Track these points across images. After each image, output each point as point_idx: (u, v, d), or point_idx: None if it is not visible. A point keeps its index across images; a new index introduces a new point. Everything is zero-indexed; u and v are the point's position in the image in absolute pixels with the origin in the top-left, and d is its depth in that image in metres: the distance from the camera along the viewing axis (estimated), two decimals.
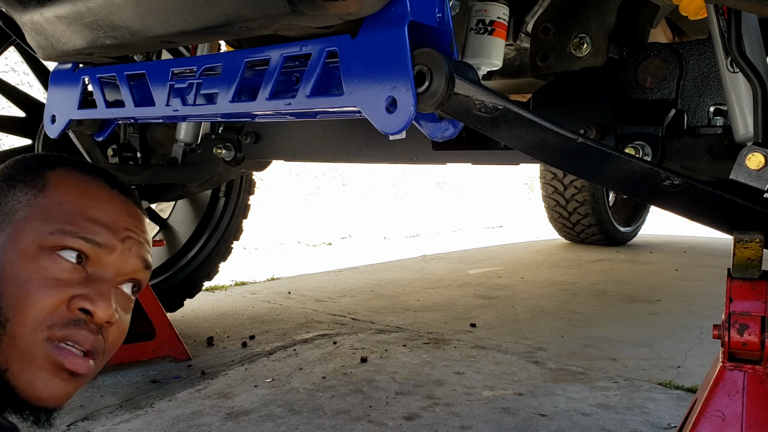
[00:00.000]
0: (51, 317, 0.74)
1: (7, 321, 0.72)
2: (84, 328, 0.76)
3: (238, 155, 2.14)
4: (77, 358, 0.75)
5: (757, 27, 1.05)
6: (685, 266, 4.47)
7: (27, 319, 0.72)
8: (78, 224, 0.78)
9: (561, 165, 0.94)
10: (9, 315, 0.72)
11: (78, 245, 0.76)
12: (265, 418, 1.76)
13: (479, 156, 1.65)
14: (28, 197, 0.78)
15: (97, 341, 0.77)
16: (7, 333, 0.72)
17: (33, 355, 0.73)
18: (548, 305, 3.22)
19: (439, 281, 3.86)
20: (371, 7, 0.76)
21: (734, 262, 0.91)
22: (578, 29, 1.30)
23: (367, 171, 6.63)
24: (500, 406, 1.86)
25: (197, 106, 1.02)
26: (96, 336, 0.77)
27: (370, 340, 2.53)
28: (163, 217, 2.97)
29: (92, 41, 1.02)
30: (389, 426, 1.72)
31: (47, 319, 0.74)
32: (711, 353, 2.37)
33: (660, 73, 1.26)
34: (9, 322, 0.72)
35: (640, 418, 1.77)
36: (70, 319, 0.75)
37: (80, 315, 0.75)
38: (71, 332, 0.75)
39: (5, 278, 0.73)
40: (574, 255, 4.98)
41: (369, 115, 0.79)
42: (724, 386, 0.88)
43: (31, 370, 0.73)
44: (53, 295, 0.74)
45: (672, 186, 0.91)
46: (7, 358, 0.72)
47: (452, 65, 0.79)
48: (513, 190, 8.67)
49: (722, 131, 1.21)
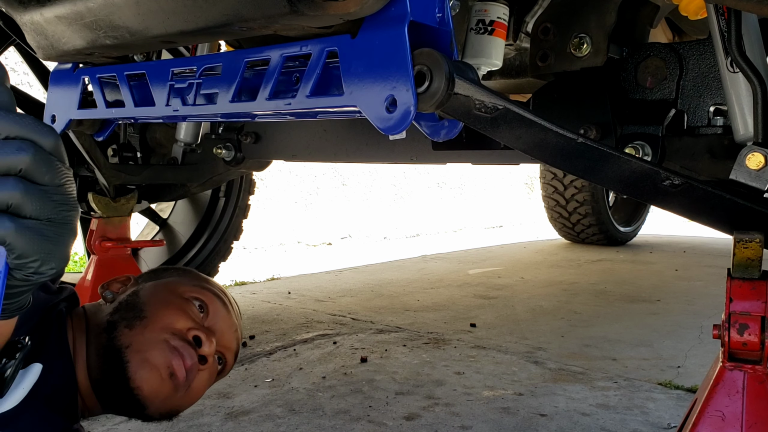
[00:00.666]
0: (174, 330, 0.97)
1: (145, 317, 0.97)
2: (192, 349, 0.98)
3: (238, 155, 2.14)
4: (179, 361, 0.95)
5: (757, 27, 1.05)
6: (685, 266, 4.47)
7: (159, 322, 0.97)
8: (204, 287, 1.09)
9: (561, 165, 0.94)
10: (148, 315, 0.98)
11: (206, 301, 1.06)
12: (265, 418, 1.76)
13: (479, 156, 1.65)
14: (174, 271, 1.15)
15: (194, 365, 0.98)
16: (141, 325, 0.96)
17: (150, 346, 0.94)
18: (548, 305, 3.22)
19: (439, 281, 3.86)
20: (371, 7, 0.76)
21: (734, 262, 0.91)
22: (578, 29, 1.30)
23: (367, 171, 6.63)
24: (500, 406, 1.86)
25: (197, 106, 1.02)
26: (195, 361, 0.98)
27: (370, 340, 2.53)
28: (163, 217, 2.97)
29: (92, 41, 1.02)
30: (389, 426, 1.72)
31: (171, 330, 0.97)
32: (711, 353, 2.37)
33: (660, 73, 1.26)
34: (145, 319, 0.97)
35: (640, 418, 1.77)
36: (186, 340, 0.98)
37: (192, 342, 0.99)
38: (183, 346, 0.97)
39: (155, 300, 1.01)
40: (574, 255, 4.98)
41: (369, 115, 0.79)
42: (724, 386, 0.88)
43: (144, 355, 0.94)
44: (182, 319, 1.00)
45: (672, 186, 0.91)
46: (131, 341, 0.95)
47: (452, 65, 0.79)
48: (513, 190, 8.67)
49: (722, 131, 1.21)
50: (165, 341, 0.95)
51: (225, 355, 1.08)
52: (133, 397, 0.94)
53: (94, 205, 2.23)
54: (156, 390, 0.95)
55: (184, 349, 0.96)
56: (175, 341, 0.96)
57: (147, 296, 1.02)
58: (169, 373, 0.95)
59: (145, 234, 3.02)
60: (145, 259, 2.88)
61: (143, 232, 3.04)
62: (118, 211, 2.28)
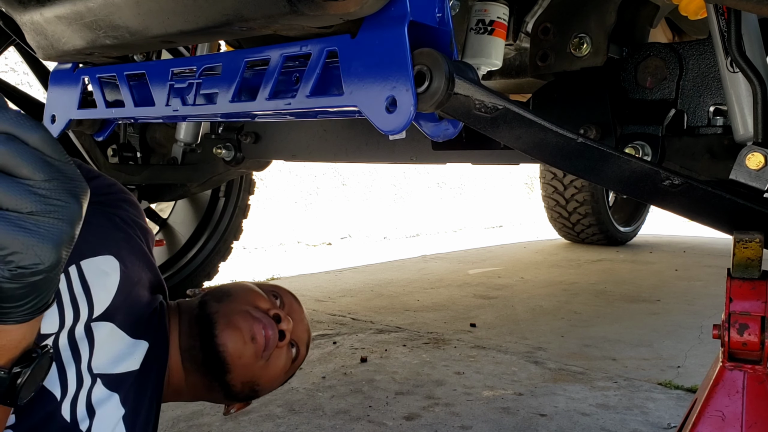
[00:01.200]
0: (255, 305, 1.08)
1: (231, 296, 1.09)
2: (272, 321, 1.07)
3: (238, 155, 2.13)
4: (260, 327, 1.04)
5: (757, 27, 1.05)
6: (685, 266, 4.47)
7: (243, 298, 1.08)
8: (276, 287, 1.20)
9: (561, 165, 0.94)
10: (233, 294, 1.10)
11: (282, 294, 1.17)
12: (264, 418, 1.76)
13: (479, 156, 1.65)
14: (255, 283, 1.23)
15: (274, 336, 1.06)
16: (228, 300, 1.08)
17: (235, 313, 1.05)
18: (548, 305, 3.22)
19: (439, 281, 3.86)
20: (371, 7, 0.76)
21: (734, 262, 0.91)
22: (578, 29, 1.30)
23: (367, 171, 6.63)
24: (500, 406, 1.86)
25: (197, 106, 1.02)
26: (275, 332, 1.06)
27: (370, 340, 2.53)
28: (163, 217, 2.97)
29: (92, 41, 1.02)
30: (389, 426, 1.72)
31: (254, 305, 1.08)
32: (711, 353, 2.37)
33: (660, 73, 1.26)
34: (232, 296, 1.09)
35: (640, 418, 1.77)
36: (265, 314, 1.07)
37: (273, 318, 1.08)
38: (264, 317, 1.07)
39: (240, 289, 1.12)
40: (574, 255, 4.98)
41: (369, 115, 0.79)
42: (724, 386, 0.88)
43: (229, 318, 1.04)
44: (263, 300, 1.11)
45: (672, 186, 0.91)
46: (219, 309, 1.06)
47: (452, 65, 0.79)
48: (513, 190, 8.67)
49: (722, 131, 1.21)
50: (248, 312, 1.06)
51: (299, 345, 1.16)
52: (218, 354, 1.02)
53: None
54: (239, 350, 1.03)
55: (266, 319, 1.06)
56: (258, 313, 1.06)
57: (232, 287, 1.14)
58: (251, 336, 1.03)
59: None
60: None
61: None
62: None
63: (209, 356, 1.03)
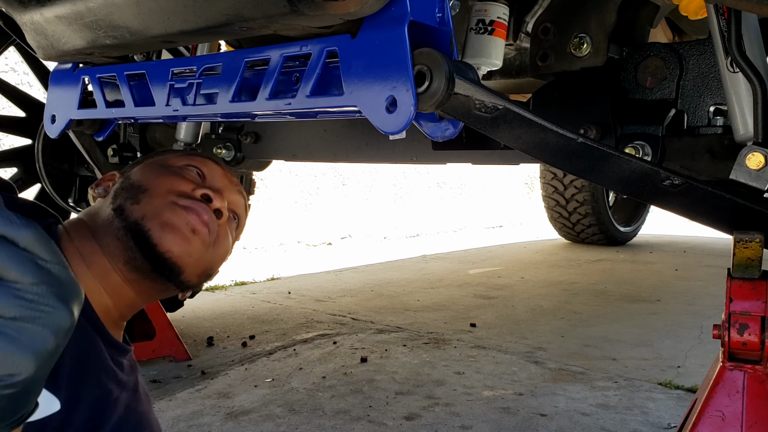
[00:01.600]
0: (179, 192, 0.98)
1: (147, 189, 0.97)
2: (204, 204, 0.98)
3: (238, 155, 2.13)
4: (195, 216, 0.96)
5: (757, 27, 1.05)
6: (685, 266, 4.47)
7: (162, 188, 0.97)
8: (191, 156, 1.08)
9: (561, 165, 0.94)
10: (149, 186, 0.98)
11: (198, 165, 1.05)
12: (265, 418, 1.76)
13: (479, 156, 1.65)
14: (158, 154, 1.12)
15: (212, 219, 0.98)
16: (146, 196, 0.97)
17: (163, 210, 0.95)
18: (548, 305, 3.22)
19: (439, 281, 3.86)
20: (371, 7, 0.76)
21: (734, 262, 0.91)
22: (578, 29, 1.30)
23: (367, 171, 6.63)
24: (500, 406, 1.86)
25: (197, 106, 1.02)
26: (211, 214, 0.98)
27: (370, 340, 2.53)
28: None
29: (92, 41, 1.02)
30: (389, 426, 1.72)
31: (175, 192, 0.98)
32: (711, 353, 2.37)
33: (660, 73, 1.26)
34: (148, 191, 0.97)
35: (640, 418, 1.77)
36: (193, 199, 0.98)
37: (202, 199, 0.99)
38: (194, 203, 0.97)
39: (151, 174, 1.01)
40: (574, 255, 4.98)
41: (369, 115, 0.79)
42: (724, 386, 0.88)
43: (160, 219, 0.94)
44: (183, 182, 1.00)
45: (672, 186, 0.91)
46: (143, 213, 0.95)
47: (452, 65, 0.79)
48: (513, 190, 8.67)
49: (722, 131, 1.21)
50: (174, 203, 0.96)
51: (236, 211, 1.09)
52: (166, 261, 0.95)
53: None
54: (185, 249, 0.95)
55: (197, 205, 0.97)
56: (184, 201, 0.97)
57: (141, 175, 1.01)
58: (191, 230, 0.96)
59: None
60: None
61: None
62: None
63: (157, 264, 0.95)
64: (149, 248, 0.93)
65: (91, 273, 0.95)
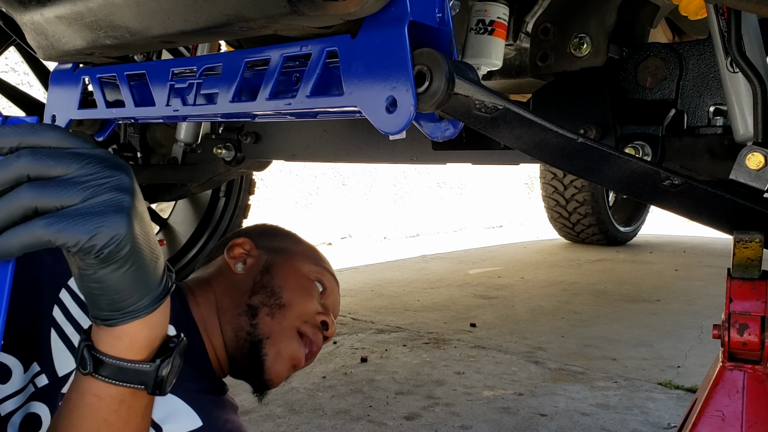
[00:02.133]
0: (307, 318, 1.06)
1: (284, 306, 1.06)
2: (320, 335, 1.08)
3: (238, 155, 2.14)
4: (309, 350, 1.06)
5: (757, 27, 1.05)
6: (685, 266, 4.47)
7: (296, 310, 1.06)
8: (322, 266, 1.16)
9: (561, 165, 0.94)
10: (286, 303, 1.06)
11: (324, 280, 1.14)
12: (265, 418, 1.76)
13: (479, 156, 1.65)
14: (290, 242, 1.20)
15: (319, 347, 1.08)
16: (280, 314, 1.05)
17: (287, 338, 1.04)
18: (548, 305, 3.22)
19: (439, 281, 3.86)
20: (371, 7, 0.76)
21: (734, 262, 0.91)
22: (578, 29, 1.30)
23: (367, 171, 6.63)
24: (500, 406, 1.86)
25: (197, 106, 1.02)
26: (320, 343, 1.08)
27: (370, 340, 2.53)
28: (163, 217, 2.97)
29: (92, 41, 1.02)
30: (389, 426, 1.72)
31: (305, 318, 1.06)
32: (711, 353, 2.37)
33: (660, 73, 1.26)
34: (284, 308, 1.06)
35: (640, 417, 1.77)
36: (316, 325, 1.07)
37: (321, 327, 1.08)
38: (314, 333, 1.07)
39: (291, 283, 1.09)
40: (574, 255, 4.98)
41: (369, 115, 0.79)
42: (724, 386, 0.88)
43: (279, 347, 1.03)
44: (312, 304, 1.08)
45: (672, 186, 0.91)
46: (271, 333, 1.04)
47: (452, 65, 0.79)
48: (513, 190, 8.67)
49: (722, 131, 1.21)
50: (299, 331, 1.05)
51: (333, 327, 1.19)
52: (263, 382, 1.05)
53: None
54: (284, 376, 1.06)
55: (315, 336, 1.07)
56: (308, 329, 1.06)
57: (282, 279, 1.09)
58: (297, 362, 1.05)
59: None
60: None
61: None
62: None
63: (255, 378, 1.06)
64: (258, 367, 1.04)
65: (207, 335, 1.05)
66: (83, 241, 0.53)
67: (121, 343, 0.62)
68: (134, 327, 0.62)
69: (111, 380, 0.63)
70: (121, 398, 0.65)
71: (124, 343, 0.62)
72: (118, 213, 0.55)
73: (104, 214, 0.54)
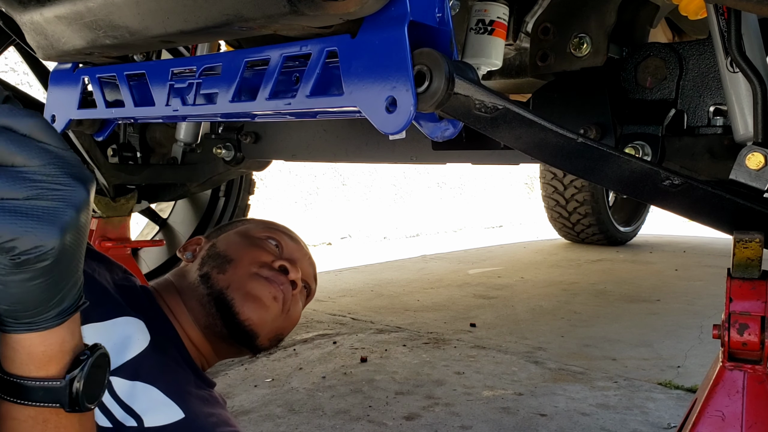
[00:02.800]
0: (262, 263, 1.08)
1: (232, 260, 1.08)
2: (282, 276, 1.08)
3: (238, 155, 2.14)
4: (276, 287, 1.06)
5: (757, 27, 1.05)
6: (685, 266, 4.47)
7: (246, 260, 1.07)
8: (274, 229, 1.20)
9: (561, 165, 0.94)
10: (234, 257, 1.08)
11: (277, 237, 1.16)
12: (264, 418, 1.76)
13: (479, 156, 1.65)
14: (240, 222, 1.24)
15: (288, 290, 1.08)
16: (231, 267, 1.07)
17: (247, 281, 1.05)
18: (548, 305, 3.22)
19: (439, 281, 3.86)
20: (371, 7, 0.76)
21: (734, 262, 0.91)
22: (578, 29, 1.30)
23: (367, 171, 6.63)
24: (500, 406, 1.86)
25: (197, 106, 1.02)
26: (288, 286, 1.08)
27: (370, 340, 2.53)
28: (163, 217, 2.97)
29: (92, 41, 1.02)
30: (389, 426, 1.72)
31: (259, 264, 1.07)
32: (711, 353, 2.37)
33: (660, 73, 1.26)
34: (233, 261, 1.07)
35: (639, 417, 1.77)
36: (273, 270, 1.08)
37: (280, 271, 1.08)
38: (274, 274, 1.07)
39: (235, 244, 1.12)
40: (574, 255, 4.98)
41: (369, 115, 0.79)
42: (724, 386, 0.88)
43: (244, 290, 1.04)
44: (264, 254, 1.10)
45: (672, 186, 0.91)
46: (228, 283, 1.05)
47: (452, 65, 0.79)
48: (513, 190, 8.67)
49: (722, 131, 1.21)
50: (257, 274, 1.06)
51: (308, 282, 1.20)
52: (245, 328, 1.04)
53: (94, 205, 2.23)
54: (263, 317, 1.05)
55: (276, 277, 1.07)
56: (266, 272, 1.07)
57: (226, 245, 1.12)
58: (271, 297, 1.05)
59: (145, 234, 3.02)
60: (144, 258, 2.88)
61: (143, 232, 3.04)
62: (118, 211, 2.28)
63: (236, 331, 1.04)
64: (231, 316, 1.03)
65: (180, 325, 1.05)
66: (5, 239, 0.50)
67: (19, 355, 0.59)
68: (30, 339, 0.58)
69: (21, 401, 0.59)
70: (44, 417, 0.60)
71: (21, 355, 0.59)
72: (52, 224, 0.52)
73: (40, 219, 0.51)
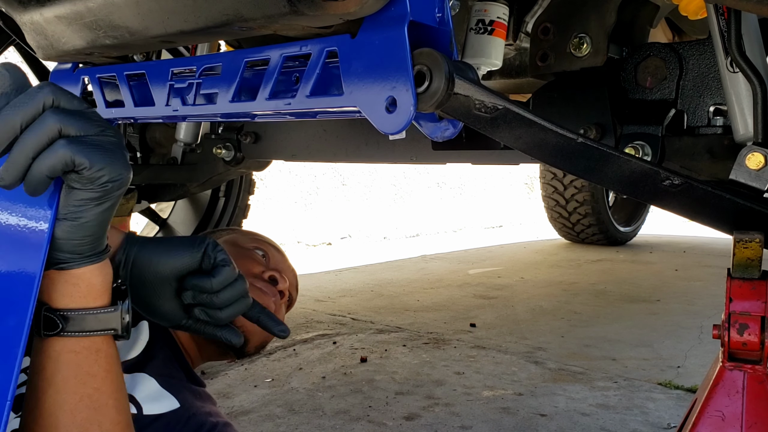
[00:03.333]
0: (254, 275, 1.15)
1: None
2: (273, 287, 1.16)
3: (238, 155, 2.14)
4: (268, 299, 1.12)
5: (757, 27, 1.05)
6: (685, 266, 4.47)
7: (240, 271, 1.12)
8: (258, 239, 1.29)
9: (561, 165, 0.94)
10: None
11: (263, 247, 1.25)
12: (264, 418, 1.76)
13: (479, 156, 1.65)
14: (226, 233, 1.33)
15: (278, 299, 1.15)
16: None
17: None
18: (548, 305, 3.22)
19: (438, 281, 3.86)
20: (371, 7, 0.76)
21: (734, 262, 0.91)
22: (578, 29, 1.30)
23: (367, 171, 6.63)
24: (500, 406, 1.86)
25: (197, 106, 1.02)
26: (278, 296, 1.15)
27: (370, 340, 2.53)
28: (163, 217, 2.97)
29: (92, 41, 1.02)
30: (389, 426, 1.72)
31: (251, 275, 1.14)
32: (711, 353, 2.37)
33: (660, 73, 1.26)
34: None
35: (639, 418, 1.77)
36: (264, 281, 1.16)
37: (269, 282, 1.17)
38: (266, 285, 1.15)
39: None
40: (574, 255, 4.98)
41: (369, 115, 0.79)
42: (723, 386, 0.88)
43: None
44: (255, 265, 1.18)
45: (672, 186, 0.91)
46: None
47: (452, 65, 0.79)
48: (513, 190, 8.67)
49: (722, 131, 1.21)
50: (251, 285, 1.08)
51: (290, 292, 1.26)
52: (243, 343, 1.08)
53: None
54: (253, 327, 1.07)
55: (268, 288, 1.14)
56: (258, 283, 1.14)
57: None
58: None
59: (145, 234, 3.02)
60: None
61: (143, 232, 3.04)
62: (118, 211, 2.26)
63: None
64: None
65: None
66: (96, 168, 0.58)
67: (79, 290, 0.65)
68: (91, 272, 0.65)
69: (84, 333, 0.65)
70: (97, 347, 0.67)
71: (81, 289, 0.65)
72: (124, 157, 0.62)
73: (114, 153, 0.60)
